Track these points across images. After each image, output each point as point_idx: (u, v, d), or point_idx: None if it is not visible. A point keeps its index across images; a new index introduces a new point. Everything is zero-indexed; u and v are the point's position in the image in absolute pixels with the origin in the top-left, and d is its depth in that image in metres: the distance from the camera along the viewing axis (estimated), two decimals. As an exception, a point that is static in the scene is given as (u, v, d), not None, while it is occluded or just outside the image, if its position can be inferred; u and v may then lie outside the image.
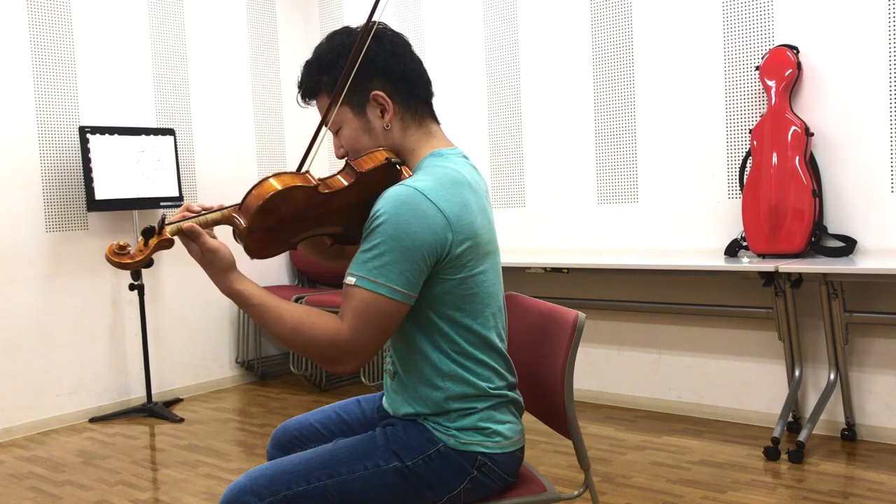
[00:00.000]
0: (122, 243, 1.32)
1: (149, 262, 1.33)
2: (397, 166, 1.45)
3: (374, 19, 1.47)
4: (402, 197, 1.36)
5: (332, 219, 1.47)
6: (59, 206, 4.05)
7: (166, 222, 1.35)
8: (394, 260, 1.34)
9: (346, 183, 1.43)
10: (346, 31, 1.54)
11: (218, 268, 1.38)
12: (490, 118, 4.33)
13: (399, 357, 1.52)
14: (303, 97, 1.57)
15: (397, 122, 1.51)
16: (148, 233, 1.33)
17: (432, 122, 1.56)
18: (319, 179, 1.43)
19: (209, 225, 1.40)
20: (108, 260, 1.31)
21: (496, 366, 1.51)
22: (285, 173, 1.40)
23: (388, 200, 1.37)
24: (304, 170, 1.44)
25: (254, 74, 4.93)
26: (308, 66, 1.54)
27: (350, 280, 1.36)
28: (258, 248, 1.41)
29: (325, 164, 5.18)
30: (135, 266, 1.31)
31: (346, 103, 1.49)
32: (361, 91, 1.49)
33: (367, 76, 1.48)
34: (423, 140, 1.54)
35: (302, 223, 1.44)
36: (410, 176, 1.45)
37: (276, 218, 1.39)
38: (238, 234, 1.39)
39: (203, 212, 1.41)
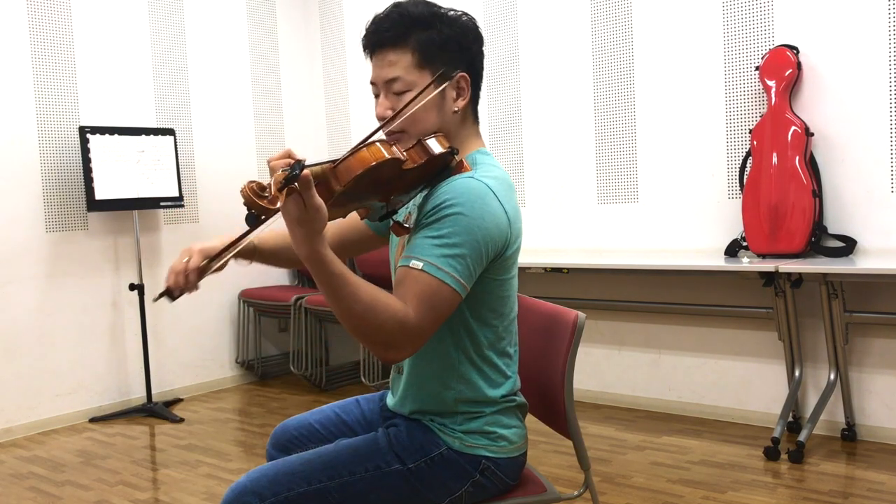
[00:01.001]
0: (262, 184, 1.15)
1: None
2: (455, 157, 1.42)
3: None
4: (477, 191, 1.36)
5: (389, 193, 1.40)
6: (59, 206, 4.05)
7: (305, 165, 1.19)
8: (464, 253, 1.33)
9: (420, 161, 1.36)
10: (436, 4, 1.49)
11: (316, 227, 1.21)
12: (490, 118, 4.33)
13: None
14: (381, 43, 1.46)
15: (463, 111, 1.51)
16: (291, 179, 1.15)
17: (478, 123, 1.57)
18: (403, 152, 1.35)
19: None
20: (248, 198, 1.14)
21: (509, 372, 1.52)
22: (381, 141, 1.31)
23: (461, 191, 1.35)
24: (374, 139, 1.34)
25: (254, 74, 4.93)
26: (395, 16, 1.45)
27: (416, 264, 1.32)
28: (328, 210, 1.29)
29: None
30: (269, 212, 1.15)
31: (430, 71, 1.45)
32: (449, 68, 1.45)
33: (459, 57, 1.47)
34: (472, 136, 1.54)
35: (373, 193, 1.38)
36: (468, 170, 1.42)
37: (365, 185, 1.30)
38: (320, 195, 1.24)
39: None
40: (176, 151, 4.29)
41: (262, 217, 1.17)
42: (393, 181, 1.37)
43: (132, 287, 4.17)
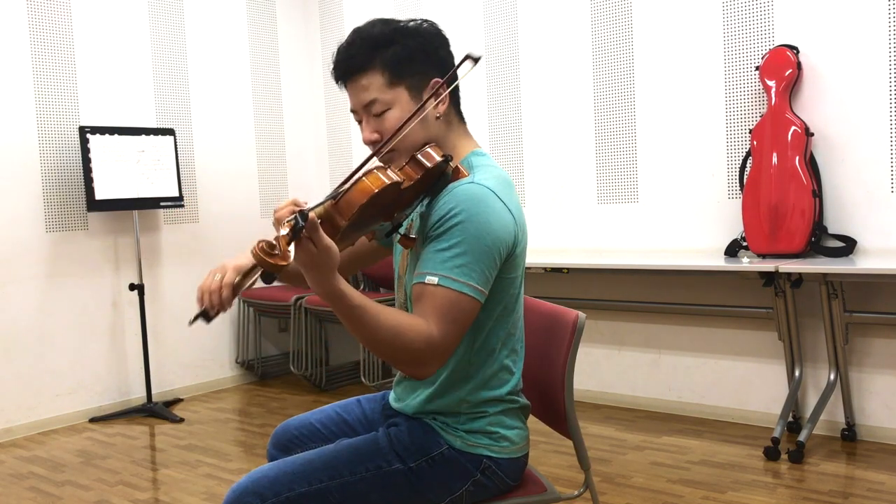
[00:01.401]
0: (271, 242, 1.16)
1: None
2: (450, 164, 1.42)
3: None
4: (479, 195, 1.36)
5: (392, 213, 1.42)
6: (59, 206, 4.05)
7: (308, 211, 1.20)
8: (475, 259, 1.34)
9: (416, 177, 1.37)
10: (394, 20, 1.50)
11: (329, 267, 1.24)
12: (490, 118, 4.33)
13: None
14: (350, 71, 1.47)
15: (446, 116, 1.51)
16: (298, 231, 1.17)
17: (465, 123, 1.57)
18: (398, 174, 1.36)
19: None
20: (259, 259, 1.14)
21: (514, 369, 1.52)
22: (376, 168, 1.32)
23: (463, 199, 1.36)
24: (369, 166, 1.35)
25: (254, 74, 4.93)
26: (357, 41, 1.46)
27: (432, 280, 1.33)
28: (338, 245, 1.29)
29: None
30: (282, 270, 1.16)
31: (404, 85, 1.45)
32: (421, 77, 1.46)
33: (429, 64, 1.47)
34: (462, 138, 1.54)
35: (377, 217, 1.39)
36: (466, 175, 1.43)
37: (369, 213, 1.32)
38: (326, 233, 1.26)
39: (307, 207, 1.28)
40: (176, 151, 4.29)
41: (275, 275, 1.18)
42: (395, 202, 1.38)
43: (132, 287, 4.17)
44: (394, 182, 1.31)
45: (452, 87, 1.46)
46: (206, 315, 1.35)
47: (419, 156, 1.39)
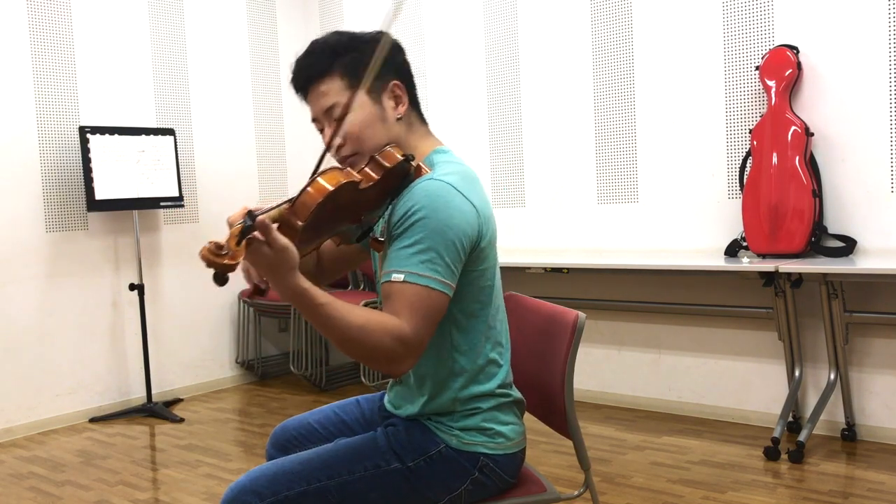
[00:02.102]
0: (219, 243, 1.16)
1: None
2: (411, 163, 1.43)
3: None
4: (438, 191, 1.38)
5: (354, 216, 1.43)
6: (59, 206, 4.05)
7: (257, 214, 1.21)
8: (439, 254, 1.35)
9: (376, 178, 1.38)
10: (351, 31, 1.53)
11: (288, 266, 1.25)
12: (490, 118, 4.33)
13: None
14: (310, 78, 1.49)
15: (406, 117, 1.53)
16: (247, 231, 1.18)
17: (426, 124, 1.60)
18: (356, 174, 1.37)
19: None
20: (208, 260, 1.15)
21: (501, 361, 1.53)
22: (332, 169, 1.34)
23: (422, 195, 1.37)
24: (326, 167, 1.36)
25: (254, 74, 4.93)
26: (317, 50, 1.49)
27: (398, 277, 1.34)
28: (298, 247, 1.30)
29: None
30: (233, 269, 1.16)
31: (364, 89, 1.46)
32: (379, 80, 1.48)
33: (387, 68, 1.48)
34: (424, 137, 1.56)
35: (338, 221, 1.40)
36: (427, 172, 1.44)
37: (328, 214, 1.32)
38: (285, 235, 1.27)
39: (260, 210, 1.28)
40: (176, 151, 4.29)
41: (227, 275, 1.18)
42: (356, 203, 1.39)
43: (132, 287, 4.17)
44: (350, 181, 1.33)
45: (371, 71, 1.44)
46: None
47: (378, 156, 1.41)
